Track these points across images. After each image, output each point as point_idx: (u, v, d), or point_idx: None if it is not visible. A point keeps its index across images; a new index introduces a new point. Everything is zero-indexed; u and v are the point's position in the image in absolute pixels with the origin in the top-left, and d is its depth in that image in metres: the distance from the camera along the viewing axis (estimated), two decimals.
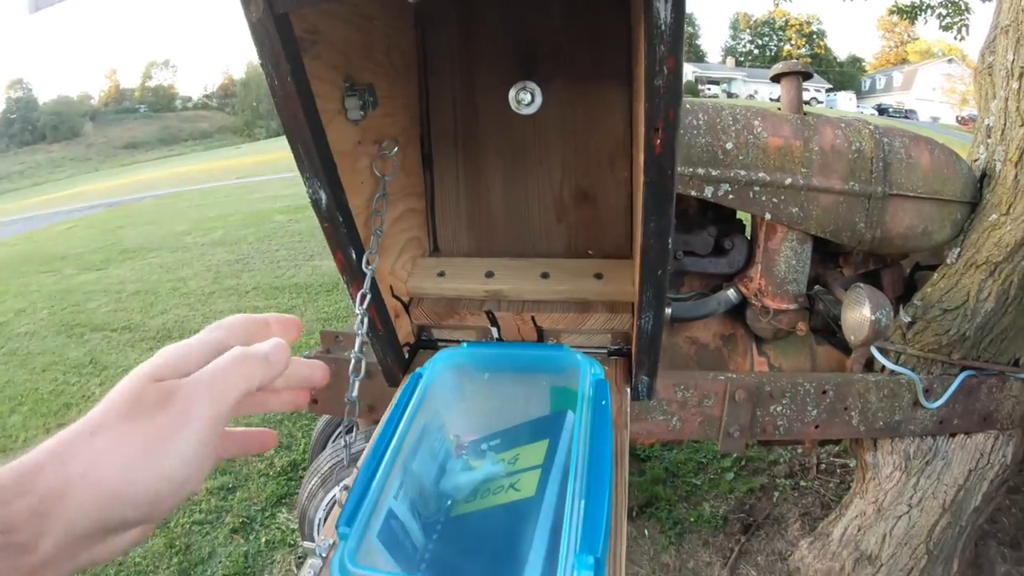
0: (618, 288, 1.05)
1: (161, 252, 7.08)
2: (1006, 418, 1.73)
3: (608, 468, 0.67)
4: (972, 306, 1.62)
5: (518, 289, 1.08)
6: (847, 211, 1.58)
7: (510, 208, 1.21)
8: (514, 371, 0.93)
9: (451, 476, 0.84)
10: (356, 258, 0.90)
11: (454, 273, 1.13)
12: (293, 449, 2.91)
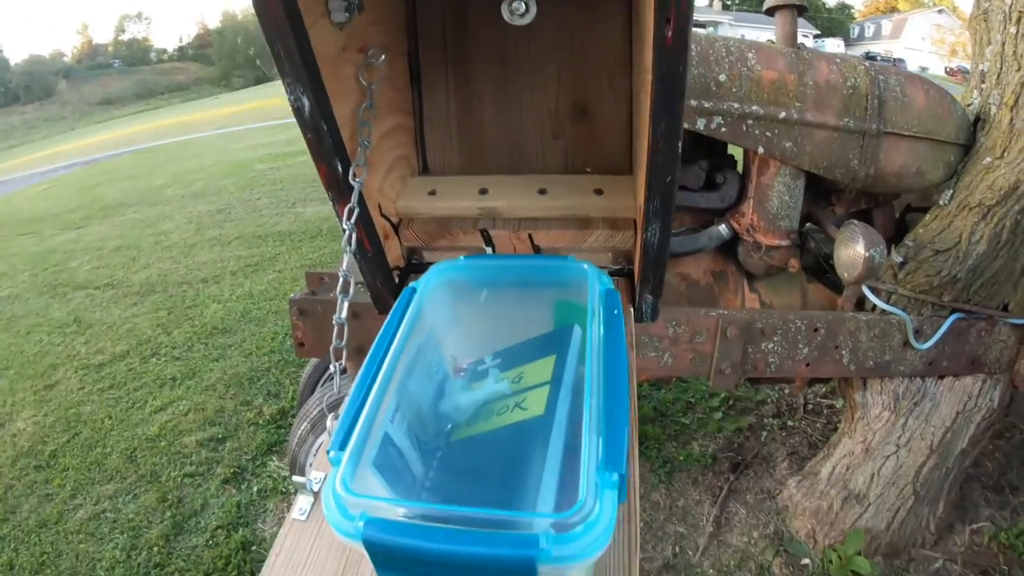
0: (619, 203, 1.01)
1: (141, 207, 6.96)
2: (994, 362, 1.74)
3: (626, 381, 0.62)
4: (964, 248, 1.62)
5: (514, 206, 1.03)
6: (841, 147, 1.56)
7: (503, 125, 1.16)
8: (515, 285, 0.87)
9: (451, 397, 0.79)
10: (342, 171, 0.85)
11: (446, 191, 1.08)
12: (281, 397, 2.90)
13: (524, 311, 0.87)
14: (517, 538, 0.50)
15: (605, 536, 0.51)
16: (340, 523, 0.53)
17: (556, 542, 0.49)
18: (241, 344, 3.45)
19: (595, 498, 0.53)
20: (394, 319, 0.75)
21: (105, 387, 3.14)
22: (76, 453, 2.63)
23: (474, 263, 0.87)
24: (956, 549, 1.92)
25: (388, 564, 0.54)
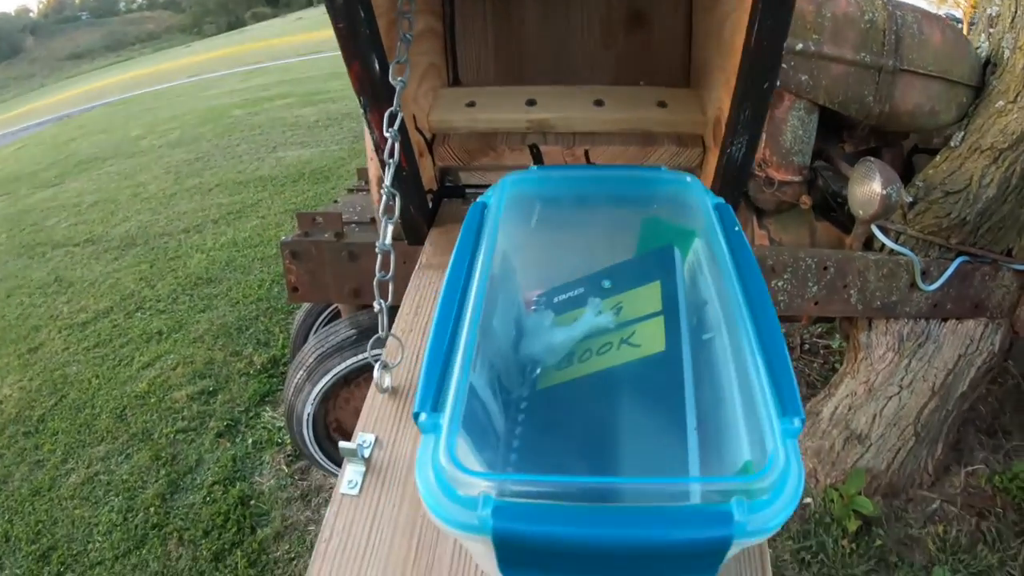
0: (686, 118, 0.91)
1: (117, 159, 6.76)
2: (996, 307, 1.74)
3: (772, 308, 0.51)
4: (974, 191, 1.60)
5: (568, 118, 0.93)
6: (857, 83, 1.52)
7: (547, 32, 1.04)
8: (595, 201, 0.72)
9: (537, 337, 0.64)
10: (379, 69, 0.73)
11: (487, 102, 0.96)
12: (272, 345, 2.85)
13: (607, 231, 0.73)
14: (706, 514, 0.39)
15: (795, 499, 0.42)
16: (453, 512, 0.41)
17: (750, 511, 0.39)
18: (227, 293, 3.38)
19: (785, 453, 0.42)
20: (467, 242, 0.61)
21: (90, 346, 3.07)
22: (65, 416, 2.58)
23: (550, 174, 0.73)
24: (953, 491, 1.94)
25: (525, 560, 0.41)
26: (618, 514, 0.39)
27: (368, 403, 0.64)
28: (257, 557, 1.87)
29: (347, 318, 1.74)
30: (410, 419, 0.62)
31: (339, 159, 5.48)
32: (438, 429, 0.44)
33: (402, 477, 0.58)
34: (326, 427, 1.82)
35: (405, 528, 0.55)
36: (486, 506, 0.39)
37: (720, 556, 0.39)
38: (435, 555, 0.53)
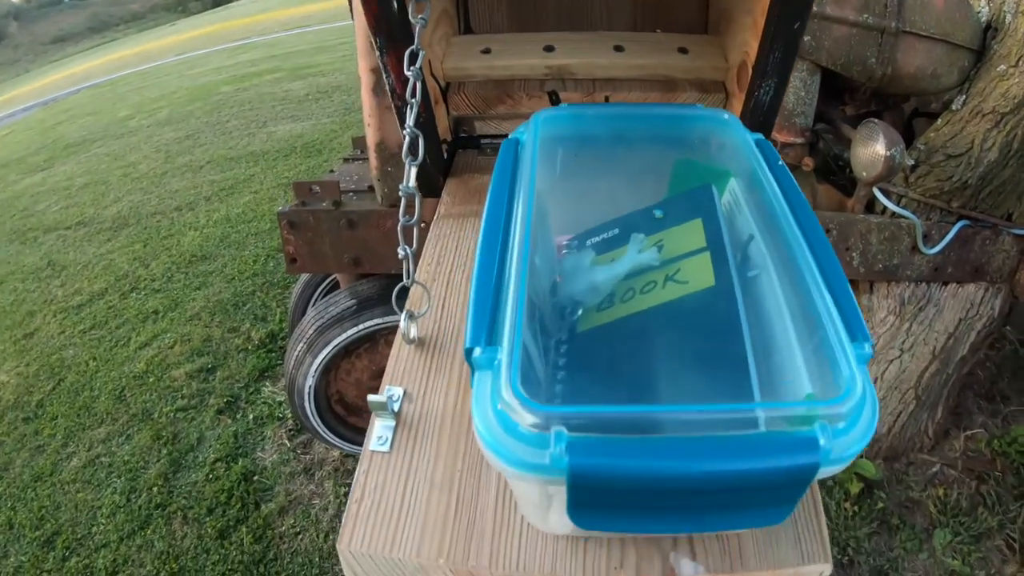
0: (707, 64, 0.89)
1: (106, 141, 6.67)
2: (996, 271, 1.74)
3: (825, 237, 0.50)
4: (976, 155, 1.60)
5: (588, 64, 0.90)
6: (859, 44, 1.50)
7: None
8: (628, 140, 0.69)
9: (576, 277, 0.62)
10: (398, 8, 0.70)
11: (503, 49, 0.93)
12: (269, 320, 2.84)
13: (638, 173, 0.70)
14: (792, 440, 0.37)
15: (873, 424, 0.40)
16: (519, 452, 0.38)
17: (835, 436, 0.38)
18: (222, 270, 3.36)
19: (861, 378, 0.40)
20: (504, 177, 0.58)
21: (86, 328, 3.05)
22: (63, 400, 2.56)
23: (583, 111, 0.70)
24: (953, 454, 1.96)
25: (599, 501, 0.39)
26: (705, 444, 0.37)
27: (394, 355, 0.60)
28: (262, 533, 1.87)
29: (346, 288, 1.72)
30: (439, 371, 0.59)
31: (331, 132, 5.43)
32: (495, 364, 0.41)
33: (435, 431, 0.55)
34: (327, 399, 1.81)
35: (443, 484, 0.53)
36: (559, 442, 0.36)
37: (805, 485, 0.38)
38: (477, 511, 0.51)
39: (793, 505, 0.40)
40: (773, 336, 0.48)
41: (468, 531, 0.50)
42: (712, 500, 0.38)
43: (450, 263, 0.70)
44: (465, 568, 0.48)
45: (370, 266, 1.61)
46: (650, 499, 0.38)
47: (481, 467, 0.53)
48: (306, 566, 1.77)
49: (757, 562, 0.48)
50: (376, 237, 1.54)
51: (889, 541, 1.77)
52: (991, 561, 1.71)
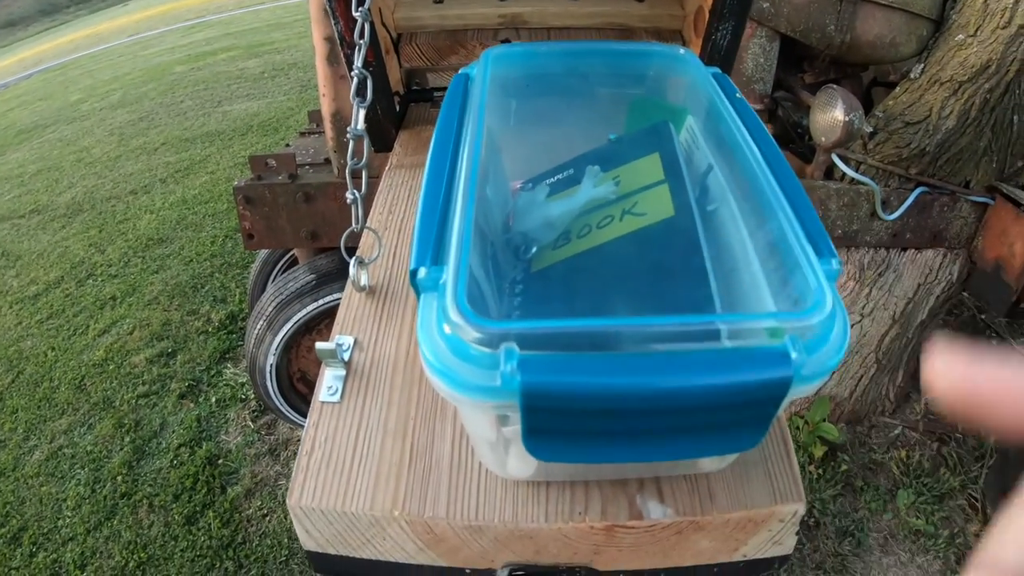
0: (664, 12, 0.89)
1: (58, 126, 6.47)
2: (954, 238, 1.77)
3: (785, 162, 0.48)
4: (934, 122, 1.61)
5: (542, 12, 0.90)
6: (818, 12, 1.51)
7: None
8: (583, 78, 0.65)
9: (530, 213, 0.58)
10: None
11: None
12: (228, 301, 2.80)
13: (593, 113, 0.68)
14: (761, 353, 0.35)
15: (845, 340, 0.38)
16: (467, 375, 0.34)
17: (807, 351, 0.35)
18: (180, 252, 3.30)
19: (831, 293, 0.38)
20: (453, 109, 0.55)
21: (43, 318, 2.96)
22: (23, 392, 2.50)
23: (533, 49, 0.67)
24: (914, 417, 2.00)
25: (555, 425, 0.36)
26: (668, 359, 0.34)
27: (344, 304, 0.59)
28: (230, 516, 1.85)
29: (305, 263, 1.70)
30: (391, 318, 0.58)
31: (288, 109, 5.34)
32: (440, 285, 0.38)
33: (387, 379, 0.53)
34: (289, 378, 1.79)
35: (396, 432, 0.51)
36: (510, 359, 0.33)
37: (777, 404, 0.35)
38: (432, 459, 0.49)
39: (765, 428, 0.37)
40: (735, 260, 0.47)
41: (424, 480, 0.48)
42: (677, 421, 0.35)
43: (403, 211, 0.69)
44: (421, 519, 0.46)
45: (328, 240, 1.59)
46: (610, 421, 0.35)
47: (436, 414, 0.51)
48: (275, 547, 1.75)
49: (728, 503, 0.47)
50: (333, 210, 1.52)
51: (854, 502, 1.81)
52: (954, 520, 1.76)
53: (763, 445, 0.50)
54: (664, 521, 0.46)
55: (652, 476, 0.48)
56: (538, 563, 0.47)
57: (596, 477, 0.48)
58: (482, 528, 0.45)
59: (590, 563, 0.47)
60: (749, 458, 0.49)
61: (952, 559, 1.67)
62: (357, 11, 0.66)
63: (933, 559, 1.68)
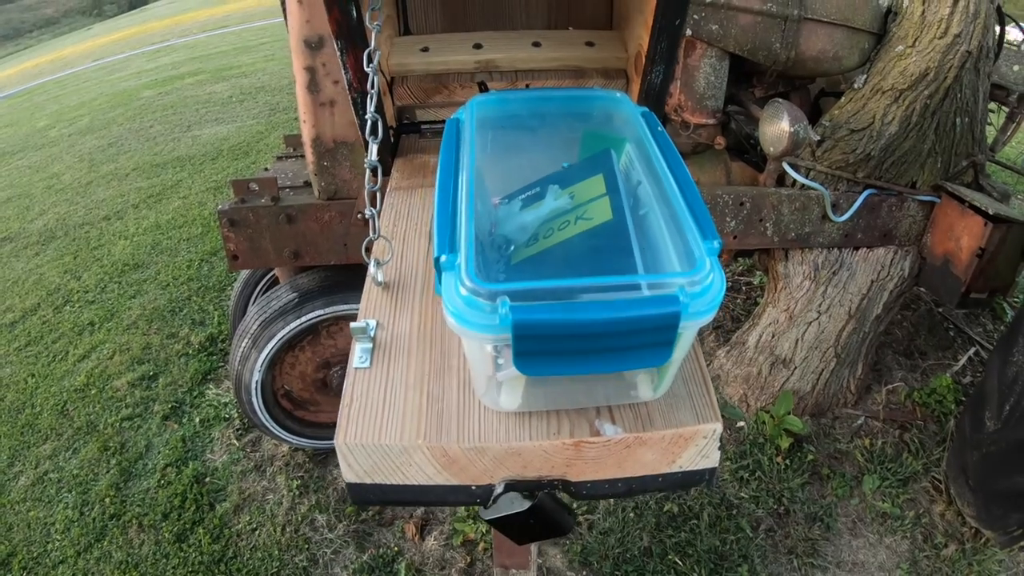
0: (611, 55, 1.07)
1: (26, 152, 6.42)
2: (904, 235, 1.88)
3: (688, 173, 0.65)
4: (878, 128, 1.71)
5: (511, 58, 1.06)
6: (764, 31, 1.60)
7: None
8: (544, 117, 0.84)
9: (509, 220, 0.76)
10: (356, 15, 0.84)
11: (439, 47, 1.09)
12: (207, 324, 2.84)
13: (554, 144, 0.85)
14: (663, 297, 0.52)
15: (720, 295, 0.54)
16: (478, 318, 0.52)
17: (692, 297, 0.53)
18: (156, 277, 3.32)
19: (710, 261, 0.55)
20: (451, 144, 0.73)
21: (21, 345, 2.96)
22: (5, 419, 2.50)
23: (506, 96, 0.85)
24: (876, 407, 2.10)
25: (536, 348, 0.52)
26: (601, 302, 0.52)
27: (365, 295, 0.74)
28: (220, 532, 1.89)
29: (287, 283, 1.75)
30: (403, 305, 0.74)
31: (257, 133, 5.37)
32: (456, 265, 0.55)
33: (404, 348, 0.69)
34: (274, 394, 1.84)
35: (415, 385, 0.66)
36: (504, 306, 0.51)
37: (673, 329, 0.52)
38: (444, 403, 0.64)
39: (671, 348, 0.54)
40: (656, 245, 0.64)
41: (438, 417, 0.62)
42: (613, 343, 0.52)
43: (404, 224, 0.85)
44: (439, 444, 0.60)
45: (310, 258, 1.65)
46: (571, 343, 0.52)
47: (444, 371, 0.67)
48: (266, 560, 1.79)
49: (663, 423, 0.62)
50: (315, 230, 1.59)
51: (821, 489, 1.90)
52: (919, 502, 1.85)
53: (687, 381, 0.67)
54: (616, 438, 0.62)
55: (605, 405, 0.64)
56: (525, 477, 0.63)
57: (565, 406, 0.64)
58: (484, 449, 0.61)
59: (564, 475, 0.63)
60: (677, 391, 0.66)
61: (919, 538, 1.77)
62: (368, 67, 0.81)
63: (901, 539, 1.77)
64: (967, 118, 1.78)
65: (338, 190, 1.50)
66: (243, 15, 13.06)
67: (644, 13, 0.90)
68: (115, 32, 15.90)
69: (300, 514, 1.90)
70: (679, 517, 1.83)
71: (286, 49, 5.27)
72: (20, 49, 19.33)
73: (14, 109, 9.74)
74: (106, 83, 9.45)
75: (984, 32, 1.66)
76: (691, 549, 1.75)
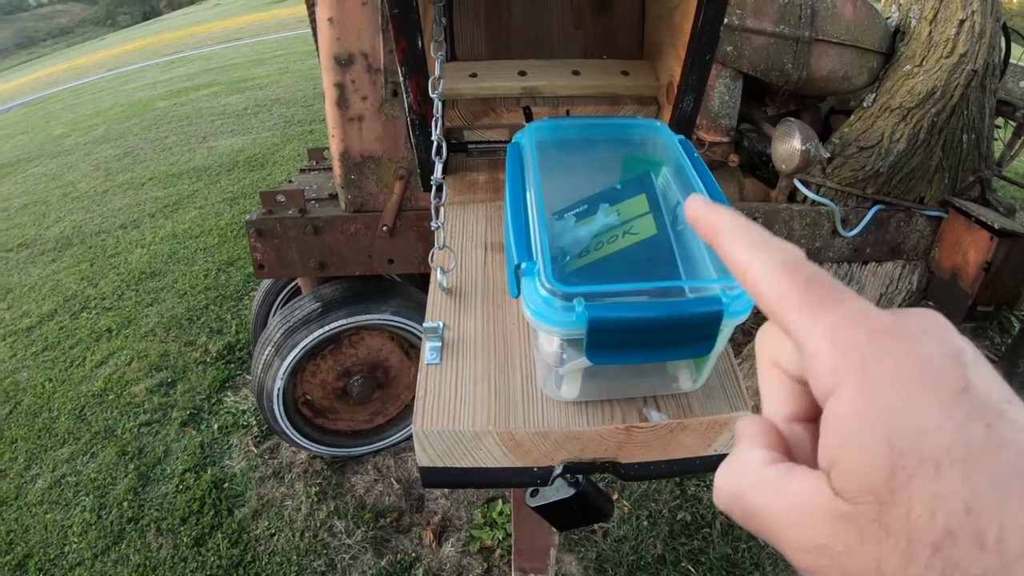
0: (644, 83, 1.13)
1: (42, 160, 6.50)
2: (912, 250, 1.91)
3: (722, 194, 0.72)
4: (886, 146, 1.75)
5: (553, 85, 1.13)
6: (777, 52, 1.65)
7: (529, 16, 1.26)
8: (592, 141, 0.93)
9: (564, 234, 0.84)
10: (421, 46, 0.91)
11: (487, 74, 1.16)
12: (225, 333, 2.88)
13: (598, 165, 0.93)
14: (708, 299, 0.60)
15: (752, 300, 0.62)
16: (557, 316, 0.59)
17: (731, 299, 0.60)
18: (173, 285, 3.36)
19: None
20: (515, 165, 0.80)
21: (39, 350, 3.01)
22: (21, 423, 2.53)
23: (559, 123, 0.92)
24: None
25: (605, 340, 0.60)
26: (659, 302, 0.61)
27: (431, 299, 0.81)
28: (238, 537, 1.92)
29: (310, 292, 1.80)
30: (466, 309, 0.81)
31: (273, 145, 5.43)
32: (535, 270, 0.62)
33: (470, 346, 0.76)
34: (295, 401, 1.88)
35: (483, 378, 0.72)
36: (580, 304, 0.59)
37: (717, 325, 0.60)
38: (510, 393, 0.71)
39: (714, 342, 0.61)
40: (694, 256, 0.72)
41: (505, 406, 0.69)
42: (668, 336, 0.60)
43: (460, 237, 0.93)
44: (507, 430, 0.67)
45: (335, 269, 1.69)
46: (634, 337, 0.60)
47: (507, 365, 0.74)
48: (284, 564, 1.83)
49: (701, 411, 0.70)
50: (341, 241, 1.63)
51: None
52: None
53: (720, 375, 0.75)
54: (662, 423, 0.69)
55: (651, 395, 0.72)
56: (582, 459, 0.70)
57: (617, 396, 0.71)
58: (547, 433, 0.68)
59: (616, 457, 0.70)
60: (712, 383, 0.74)
61: None
62: (433, 93, 0.90)
63: None
64: (973, 135, 1.82)
65: (364, 203, 1.55)
66: (257, 28, 13.20)
67: (677, 47, 0.98)
68: (129, 43, 16.07)
69: (318, 520, 1.94)
70: (692, 525, 1.86)
71: (300, 62, 5.42)
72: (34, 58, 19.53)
73: (29, 117, 9.86)
74: (121, 93, 9.57)
75: (990, 51, 1.70)
76: (704, 557, 1.77)
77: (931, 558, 0.21)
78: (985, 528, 0.20)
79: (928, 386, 0.23)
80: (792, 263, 0.28)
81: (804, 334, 0.26)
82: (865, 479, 0.23)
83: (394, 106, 1.43)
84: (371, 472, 2.07)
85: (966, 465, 0.21)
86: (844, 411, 0.24)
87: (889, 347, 0.24)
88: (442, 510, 1.95)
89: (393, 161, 1.49)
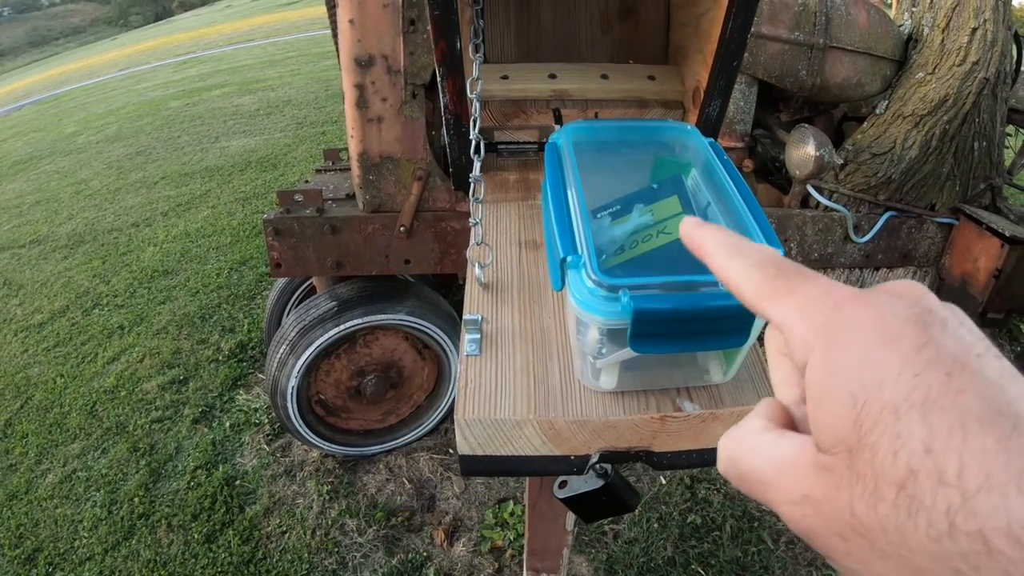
0: (669, 87, 1.16)
1: (54, 157, 6.55)
2: (923, 256, 1.92)
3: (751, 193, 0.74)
4: (898, 152, 1.76)
5: (582, 89, 1.16)
6: (791, 59, 1.66)
7: (558, 21, 1.28)
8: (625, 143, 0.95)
9: (600, 233, 0.86)
10: (459, 47, 0.93)
11: (518, 76, 1.19)
12: (237, 331, 2.89)
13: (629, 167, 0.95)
14: None
15: None
16: (601, 306, 0.62)
17: None
18: (186, 284, 3.38)
19: None
20: (554, 165, 0.83)
21: (50, 346, 3.03)
22: (32, 418, 2.55)
23: (593, 124, 0.95)
24: None
25: (648, 330, 0.62)
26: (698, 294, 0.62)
27: (468, 294, 0.83)
28: (249, 534, 1.93)
29: (325, 291, 1.81)
30: (503, 303, 0.83)
31: (285, 146, 5.46)
32: (580, 263, 0.65)
33: (509, 338, 0.78)
34: (308, 400, 1.89)
35: (522, 369, 0.74)
36: (625, 295, 0.61)
37: (751, 317, 0.61)
38: (548, 383, 0.73)
39: (748, 333, 0.63)
40: None
41: (545, 396, 0.71)
42: (706, 327, 0.63)
43: (494, 233, 0.95)
44: (547, 419, 0.69)
45: (352, 268, 1.70)
46: (676, 327, 0.62)
47: (545, 357, 0.76)
48: (295, 562, 1.84)
49: (731, 401, 0.72)
50: (358, 241, 1.64)
51: None
52: None
53: (750, 368, 0.77)
54: (695, 413, 0.70)
55: (684, 387, 0.74)
56: (617, 448, 0.72)
57: (652, 387, 0.73)
58: (585, 422, 0.69)
59: (650, 447, 0.72)
60: (740, 376, 0.75)
61: None
62: (472, 94, 0.92)
63: None
64: (985, 142, 1.82)
65: (382, 203, 1.57)
66: (268, 29, 13.27)
67: (704, 53, 1.00)
68: (141, 43, 16.17)
69: (330, 518, 1.95)
70: (702, 528, 1.86)
71: (311, 64, 5.46)
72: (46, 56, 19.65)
73: (42, 115, 9.93)
74: (133, 92, 9.63)
75: (1001, 59, 1.71)
76: (714, 560, 1.78)
77: (896, 496, 0.23)
78: (945, 465, 0.22)
79: (888, 342, 0.25)
80: (762, 262, 0.32)
81: (779, 317, 0.29)
82: (836, 431, 0.25)
83: (413, 107, 1.44)
84: (383, 471, 2.08)
85: (924, 408, 0.23)
86: (815, 376, 0.27)
87: (852, 314, 0.26)
88: (453, 510, 1.96)
89: (411, 162, 1.50)
